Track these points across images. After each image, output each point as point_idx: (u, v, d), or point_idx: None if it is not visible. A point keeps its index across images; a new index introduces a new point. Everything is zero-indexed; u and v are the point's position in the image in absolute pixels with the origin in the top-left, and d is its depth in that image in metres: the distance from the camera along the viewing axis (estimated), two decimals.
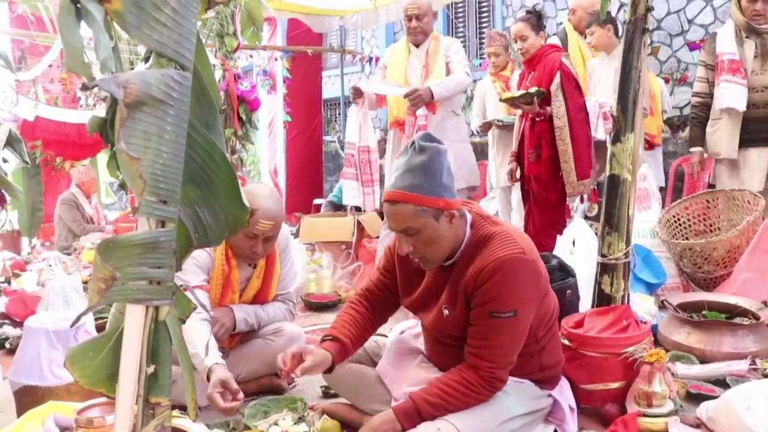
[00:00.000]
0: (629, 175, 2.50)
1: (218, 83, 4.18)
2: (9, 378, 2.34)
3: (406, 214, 1.79)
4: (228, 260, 2.51)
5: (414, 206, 1.78)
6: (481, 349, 1.82)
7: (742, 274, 3.12)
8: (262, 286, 2.62)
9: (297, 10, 6.39)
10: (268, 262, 2.61)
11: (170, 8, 1.01)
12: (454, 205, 1.84)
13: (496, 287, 1.77)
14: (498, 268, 1.76)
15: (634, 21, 2.47)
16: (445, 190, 1.80)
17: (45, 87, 7.74)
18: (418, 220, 1.79)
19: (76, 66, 0.89)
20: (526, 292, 1.81)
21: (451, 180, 1.85)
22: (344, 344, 2.02)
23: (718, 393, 2.19)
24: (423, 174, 1.78)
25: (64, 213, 6.37)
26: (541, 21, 3.95)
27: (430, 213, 1.79)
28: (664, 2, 5.36)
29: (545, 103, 3.78)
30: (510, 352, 1.84)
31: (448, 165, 1.84)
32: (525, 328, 1.85)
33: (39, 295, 3.82)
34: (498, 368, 1.82)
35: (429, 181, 1.78)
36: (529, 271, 1.81)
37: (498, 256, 1.78)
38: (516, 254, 1.79)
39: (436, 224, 1.81)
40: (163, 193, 1.01)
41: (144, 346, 1.05)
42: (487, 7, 7.04)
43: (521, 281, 1.79)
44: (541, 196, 3.90)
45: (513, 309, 1.78)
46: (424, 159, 1.78)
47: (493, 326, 1.80)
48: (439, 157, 1.80)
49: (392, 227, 1.87)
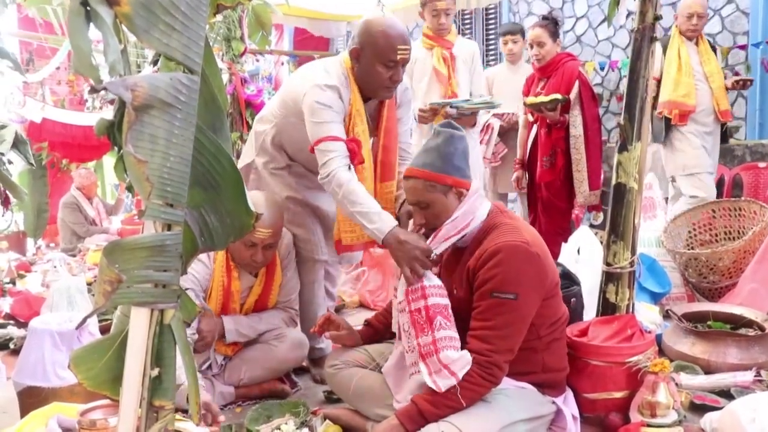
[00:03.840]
0: (636, 184, 2.50)
1: (225, 87, 4.18)
2: (13, 379, 2.34)
3: (418, 188, 1.98)
4: (229, 272, 2.51)
5: (424, 181, 1.96)
6: (481, 330, 1.85)
7: (747, 285, 3.11)
8: (263, 293, 2.61)
9: (304, 14, 6.40)
10: (269, 269, 2.60)
11: (179, 12, 1.01)
12: (464, 183, 1.99)
13: (497, 267, 1.84)
14: (499, 250, 1.86)
15: (642, 30, 2.46)
16: (455, 169, 1.97)
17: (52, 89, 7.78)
18: (427, 194, 1.97)
19: (84, 68, 0.89)
20: (527, 278, 1.86)
21: (464, 162, 2.01)
22: (377, 329, 2.33)
23: (723, 404, 2.18)
24: (436, 154, 1.98)
25: (66, 216, 6.39)
26: (557, 28, 3.95)
27: (439, 188, 1.96)
28: (671, 11, 5.36)
29: (563, 110, 3.79)
30: (509, 337, 1.85)
31: (464, 149, 2.02)
32: (526, 316, 1.87)
33: (43, 296, 3.84)
34: (497, 353, 1.83)
35: (440, 160, 1.97)
36: (531, 261, 1.87)
37: (501, 241, 1.88)
38: (519, 242, 1.87)
39: (445, 199, 1.97)
40: (169, 196, 1.01)
41: (149, 349, 1.05)
42: (494, 13, 7.04)
43: (521, 266, 1.85)
44: (551, 203, 3.90)
45: (514, 292, 1.83)
46: (438, 141, 1.99)
47: (494, 305, 1.84)
48: (452, 140, 1.99)
49: (408, 201, 2.07)
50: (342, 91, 2.39)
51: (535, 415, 1.93)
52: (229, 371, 2.57)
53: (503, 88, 4.42)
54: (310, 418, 2.25)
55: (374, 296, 4.09)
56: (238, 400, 2.55)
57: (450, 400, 1.81)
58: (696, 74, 4.04)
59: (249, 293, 2.59)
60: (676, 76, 4.02)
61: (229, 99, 4.39)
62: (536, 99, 3.80)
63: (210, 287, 2.51)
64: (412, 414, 1.83)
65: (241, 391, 2.56)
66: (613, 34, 5.79)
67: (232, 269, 2.52)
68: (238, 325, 2.54)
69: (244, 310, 2.60)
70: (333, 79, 2.39)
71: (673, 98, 3.99)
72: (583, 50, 6.02)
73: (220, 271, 2.50)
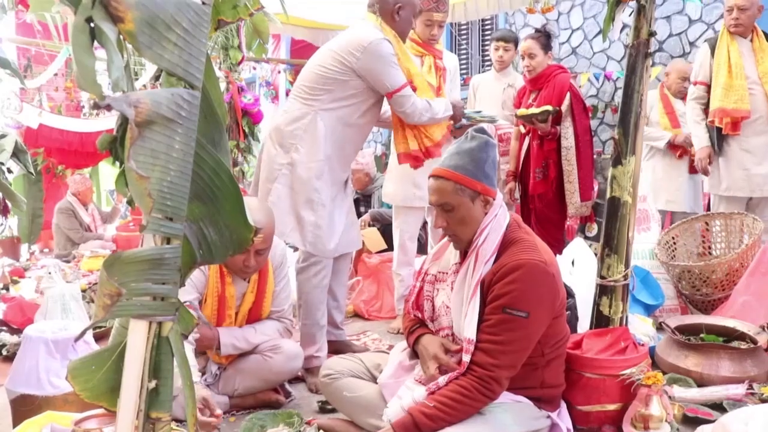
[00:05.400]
0: (630, 198, 2.52)
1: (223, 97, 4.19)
2: (6, 386, 2.34)
3: (446, 189, 1.95)
4: (222, 278, 2.51)
5: (454, 184, 1.94)
6: (487, 344, 1.85)
7: (740, 297, 3.12)
8: (256, 301, 2.61)
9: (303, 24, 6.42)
10: (261, 277, 2.60)
11: (181, 28, 1.02)
12: (491, 192, 1.98)
13: (513, 284, 1.84)
14: (517, 268, 1.85)
15: (637, 45, 2.49)
16: (485, 176, 1.96)
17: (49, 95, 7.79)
18: (455, 197, 1.95)
19: (88, 85, 0.90)
20: (540, 298, 1.86)
21: (493, 171, 2.00)
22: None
23: (715, 417, 2.19)
24: (469, 158, 1.96)
25: (61, 222, 6.38)
26: (549, 41, 3.98)
27: (468, 193, 1.95)
28: (666, 24, 5.40)
29: (554, 122, 3.81)
30: (514, 354, 1.85)
31: (495, 158, 2.01)
32: (534, 335, 1.87)
33: (37, 303, 3.82)
34: (498, 368, 1.83)
35: (472, 164, 1.95)
36: (547, 280, 1.87)
37: (520, 258, 1.87)
38: (537, 261, 1.86)
39: (471, 205, 1.96)
40: (169, 210, 1.02)
41: (146, 361, 1.06)
42: (490, 24, 7.09)
43: (537, 286, 1.85)
44: (545, 215, 3.93)
45: (526, 310, 1.83)
46: (472, 145, 1.97)
47: (504, 321, 1.84)
48: (486, 147, 1.98)
49: (432, 201, 2.02)
50: (392, 43, 2.80)
51: (530, 429, 1.94)
52: (224, 381, 2.57)
53: (485, 95, 4.47)
54: (304, 428, 2.25)
55: (369, 306, 4.10)
56: (232, 409, 2.55)
57: (446, 414, 1.81)
58: (749, 76, 3.64)
59: (242, 301, 2.59)
60: (726, 80, 3.65)
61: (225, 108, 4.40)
62: (527, 111, 3.84)
63: (205, 294, 2.51)
64: (407, 425, 1.83)
65: (235, 400, 2.56)
66: (608, 46, 5.83)
67: (225, 275, 2.52)
68: (234, 338, 2.54)
69: (238, 318, 2.60)
70: (378, 33, 2.77)
71: (724, 105, 3.64)
72: (578, 62, 6.07)
73: (215, 277, 2.51)
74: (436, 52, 3.63)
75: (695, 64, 4.02)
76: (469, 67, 7.20)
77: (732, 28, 3.69)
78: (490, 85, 4.48)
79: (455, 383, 1.85)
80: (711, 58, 3.79)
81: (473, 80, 4.68)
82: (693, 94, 3.98)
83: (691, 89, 4.01)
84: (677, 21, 5.37)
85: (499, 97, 4.38)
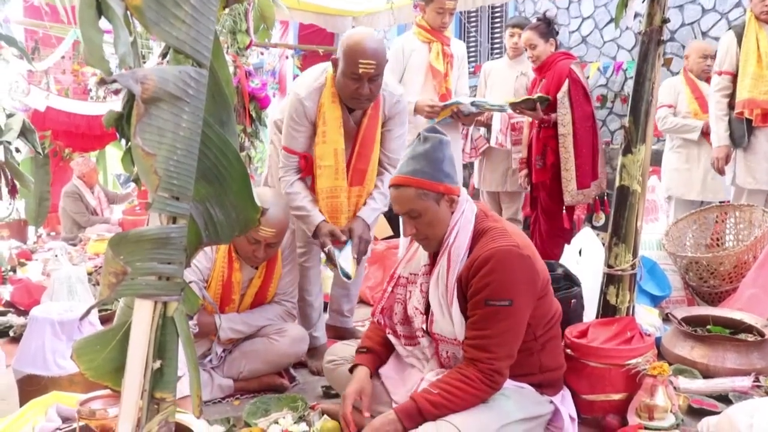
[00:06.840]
0: (639, 187, 2.49)
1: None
2: (12, 366, 2.35)
3: (409, 197, 1.91)
4: (231, 263, 2.51)
5: (416, 189, 1.90)
6: (479, 339, 1.84)
7: (748, 290, 3.11)
8: (263, 285, 2.62)
9: (310, 9, 6.39)
10: (270, 263, 2.61)
11: (189, 5, 1.01)
12: (455, 190, 1.94)
13: (489, 275, 1.82)
14: (490, 258, 1.83)
15: (650, 32, 2.46)
16: (445, 176, 1.92)
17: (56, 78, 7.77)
18: (419, 202, 1.91)
19: (95, 61, 0.89)
20: (520, 283, 1.84)
21: (452, 168, 1.96)
22: (378, 353, 2.14)
23: (721, 408, 2.19)
24: (425, 161, 1.91)
25: (68, 205, 6.40)
26: (551, 28, 3.93)
27: (431, 197, 1.91)
28: (678, 14, 5.34)
29: (551, 109, 3.78)
30: (507, 343, 1.85)
31: (451, 155, 1.96)
32: (522, 320, 1.86)
33: (44, 285, 3.85)
34: (497, 360, 1.82)
35: (430, 167, 1.90)
36: (523, 264, 1.85)
37: (491, 247, 1.85)
38: (509, 246, 1.84)
39: (437, 207, 1.92)
40: (176, 189, 1.01)
41: (151, 341, 1.05)
42: (499, 12, 7.04)
43: (514, 272, 1.83)
44: (548, 204, 3.90)
45: (508, 298, 1.81)
46: (427, 147, 1.92)
47: (489, 314, 1.82)
48: (441, 146, 1.93)
49: (397, 210, 1.97)
50: (306, 103, 2.58)
51: (533, 415, 1.93)
52: (229, 364, 2.58)
53: (496, 82, 4.43)
54: (308, 412, 2.26)
55: (374, 292, 4.09)
56: (236, 393, 2.56)
57: (450, 402, 1.81)
58: None
59: (249, 285, 2.60)
60: (755, 69, 3.51)
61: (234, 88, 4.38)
62: (515, 99, 3.84)
63: (210, 277, 2.51)
64: (410, 411, 1.82)
65: (239, 384, 2.57)
66: (619, 35, 5.78)
67: (233, 260, 2.52)
68: (232, 322, 2.55)
69: (243, 302, 2.60)
70: (304, 89, 2.59)
71: (754, 95, 3.52)
72: (588, 51, 6.02)
73: (222, 262, 2.51)
74: (444, 38, 3.61)
75: (719, 53, 3.83)
76: (477, 55, 7.16)
77: (763, 15, 3.55)
78: (503, 73, 4.44)
79: (460, 372, 1.85)
80: (737, 46, 3.64)
81: (484, 66, 4.63)
82: (717, 84, 3.78)
83: (715, 79, 3.82)
84: (690, 10, 5.31)
85: (512, 85, 4.33)
